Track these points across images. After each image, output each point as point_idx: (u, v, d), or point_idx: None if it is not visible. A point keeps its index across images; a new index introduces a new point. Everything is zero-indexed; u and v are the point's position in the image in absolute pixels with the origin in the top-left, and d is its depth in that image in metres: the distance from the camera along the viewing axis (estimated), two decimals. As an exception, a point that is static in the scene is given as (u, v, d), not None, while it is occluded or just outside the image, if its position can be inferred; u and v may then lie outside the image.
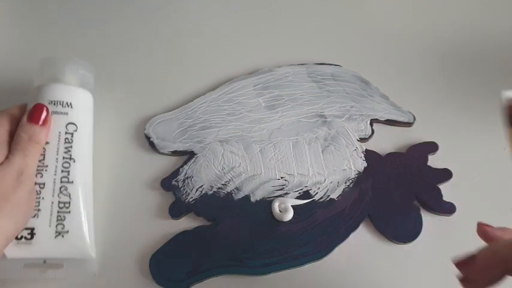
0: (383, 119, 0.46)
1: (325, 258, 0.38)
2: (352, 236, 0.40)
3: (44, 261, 0.36)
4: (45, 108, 0.37)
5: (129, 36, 0.53)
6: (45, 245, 0.35)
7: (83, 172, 0.38)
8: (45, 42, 0.53)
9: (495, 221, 0.41)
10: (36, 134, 0.36)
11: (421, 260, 0.39)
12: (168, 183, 0.42)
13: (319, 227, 0.39)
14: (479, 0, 0.59)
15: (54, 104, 0.39)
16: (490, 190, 0.43)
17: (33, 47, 0.52)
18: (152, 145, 0.44)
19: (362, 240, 0.40)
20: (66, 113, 0.39)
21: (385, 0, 0.59)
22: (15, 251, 0.35)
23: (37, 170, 0.37)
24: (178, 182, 0.42)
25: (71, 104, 0.39)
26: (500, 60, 0.52)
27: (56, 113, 0.39)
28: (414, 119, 0.46)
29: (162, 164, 0.43)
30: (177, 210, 0.40)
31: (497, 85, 0.50)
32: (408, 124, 0.46)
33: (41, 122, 0.37)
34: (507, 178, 0.43)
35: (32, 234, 0.35)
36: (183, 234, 0.39)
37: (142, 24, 0.54)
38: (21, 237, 0.35)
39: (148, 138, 0.44)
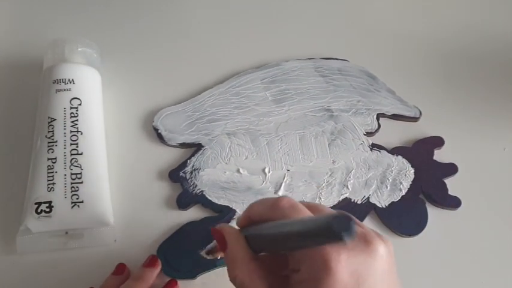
0: (389, 114, 0.46)
1: (331, 250, 0.39)
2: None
3: (66, 232, 0.37)
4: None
5: (139, 29, 0.53)
6: (63, 216, 0.37)
7: (91, 144, 0.40)
8: (60, 21, 0.54)
9: (500, 214, 0.42)
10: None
11: (426, 253, 0.39)
12: (176, 174, 0.42)
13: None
14: (485, 0, 0.59)
15: (58, 83, 0.42)
16: (496, 184, 0.43)
17: (45, 27, 0.53)
18: (160, 137, 0.44)
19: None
20: (69, 89, 0.41)
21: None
22: (37, 225, 0.36)
23: (48, 145, 0.39)
24: (185, 173, 0.42)
25: (73, 80, 0.42)
26: (505, 59, 0.52)
27: (59, 90, 0.41)
28: (420, 113, 0.46)
29: (170, 156, 0.44)
30: (184, 201, 0.41)
31: (500, 82, 0.51)
32: (414, 119, 0.46)
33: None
34: (512, 173, 0.44)
35: (50, 207, 0.37)
36: (191, 225, 0.40)
37: (151, 17, 0.55)
38: (41, 211, 0.37)
39: (156, 130, 0.44)
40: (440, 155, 0.44)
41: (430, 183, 0.42)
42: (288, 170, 0.42)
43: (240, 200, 0.41)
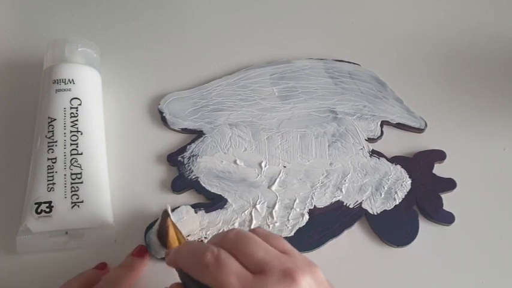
0: (394, 122, 0.46)
1: (315, 251, 0.39)
2: (346, 232, 0.40)
3: (66, 232, 0.37)
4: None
5: (142, 26, 0.54)
6: (63, 216, 0.37)
7: (91, 143, 0.40)
8: (60, 21, 0.54)
9: (493, 237, 0.41)
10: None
11: (411, 266, 0.39)
12: (174, 158, 0.43)
13: (315, 218, 0.40)
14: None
15: (58, 83, 0.42)
16: (495, 205, 0.42)
17: (45, 27, 0.53)
18: (164, 120, 0.45)
19: (355, 238, 0.40)
20: (69, 89, 0.42)
21: (413, 6, 0.58)
22: (37, 225, 0.36)
23: (48, 145, 0.39)
24: (184, 158, 0.43)
25: (73, 80, 0.42)
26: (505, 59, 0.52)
27: (59, 90, 0.41)
28: (426, 125, 0.46)
29: (171, 140, 0.44)
30: (179, 185, 0.41)
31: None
32: (419, 130, 0.46)
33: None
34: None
35: (50, 207, 0.37)
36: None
37: (155, 15, 0.55)
38: (41, 211, 0.37)
39: (161, 113, 0.45)
40: (441, 169, 0.43)
41: (426, 197, 0.41)
42: (285, 167, 0.43)
43: (233, 191, 0.41)
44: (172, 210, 0.38)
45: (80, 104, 0.41)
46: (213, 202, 0.41)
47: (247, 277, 0.27)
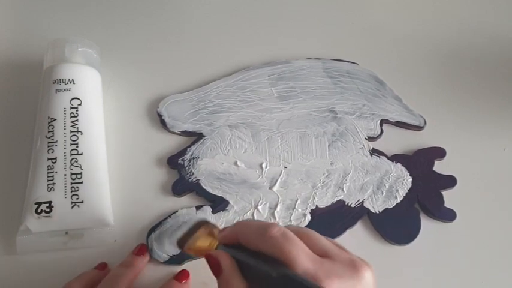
0: (393, 120, 0.46)
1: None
2: (348, 232, 0.40)
3: (66, 232, 0.37)
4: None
5: (142, 27, 0.54)
6: (63, 216, 0.37)
7: (91, 144, 0.40)
8: (60, 21, 0.54)
9: (495, 233, 0.41)
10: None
11: (414, 264, 0.39)
12: (174, 161, 0.43)
13: (317, 218, 0.40)
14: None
15: (58, 83, 0.42)
16: (495, 202, 0.42)
17: (45, 27, 0.53)
18: (163, 123, 0.45)
19: (358, 237, 0.40)
20: (69, 89, 0.42)
21: (413, 6, 0.58)
22: (37, 225, 0.36)
23: (48, 145, 0.39)
24: (184, 161, 0.43)
25: (73, 80, 0.42)
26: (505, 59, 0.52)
27: (59, 90, 0.41)
28: (425, 123, 0.46)
29: (171, 143, 0.44)
30: (180, 188, 0.41)
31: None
32: (418, 128, 0.46)
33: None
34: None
35: (50, 207, 0.37)
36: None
37: (165, 8, 0.55)
38: (41, 211, 0.37)
39: (160, 116, 0.45)
40: (441, 167, 0.43)
41: (427, 194, 0.41)
42: (285, 167, 0.43)
43: (234, 192, 0.41)
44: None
45: (80, 104, 0.41)
46: (214, 204, 0.41)
47: (315, 256, 0.28)
